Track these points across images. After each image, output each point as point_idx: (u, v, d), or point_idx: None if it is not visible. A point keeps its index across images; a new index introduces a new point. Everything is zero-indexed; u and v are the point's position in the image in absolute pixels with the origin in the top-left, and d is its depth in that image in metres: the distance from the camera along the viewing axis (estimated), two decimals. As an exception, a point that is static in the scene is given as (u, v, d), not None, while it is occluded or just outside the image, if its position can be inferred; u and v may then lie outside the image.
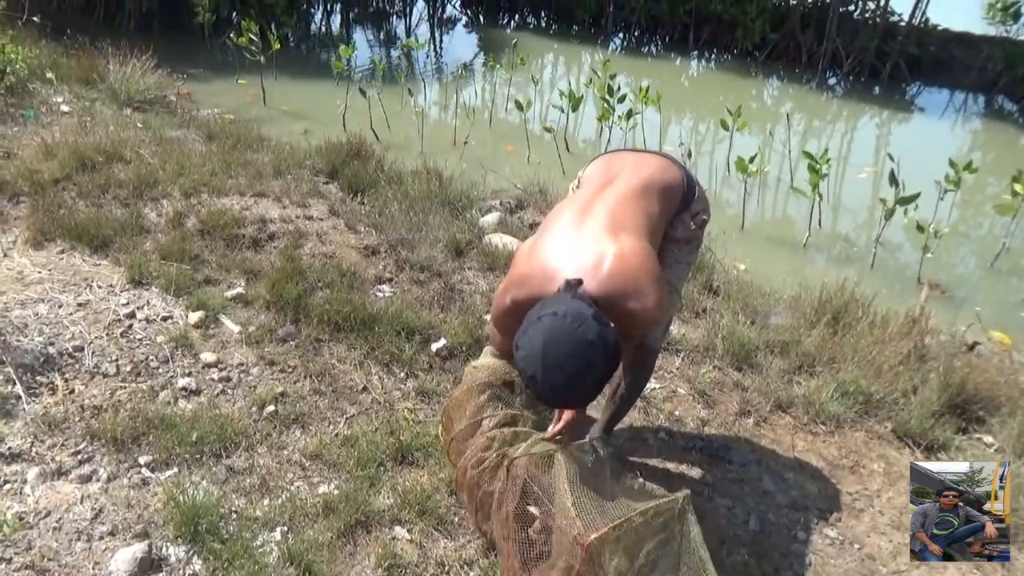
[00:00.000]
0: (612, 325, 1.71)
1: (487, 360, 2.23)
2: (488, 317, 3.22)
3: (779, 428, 2.82)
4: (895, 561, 2.28)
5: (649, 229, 1.98)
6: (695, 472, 2.54)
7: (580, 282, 1.75)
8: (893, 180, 4.52)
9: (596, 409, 2.43)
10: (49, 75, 5.62)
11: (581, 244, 1.87)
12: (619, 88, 6.02)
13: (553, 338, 1.65)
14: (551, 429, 1.99)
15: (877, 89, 9.54)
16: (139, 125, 5.02)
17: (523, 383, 1.82)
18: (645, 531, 1.71)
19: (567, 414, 1.99)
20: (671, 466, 2.56)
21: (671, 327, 3.21)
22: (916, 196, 4.47)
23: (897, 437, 2.84)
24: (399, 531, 2.12)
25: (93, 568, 1.88)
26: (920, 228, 4.45)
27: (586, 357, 1.65)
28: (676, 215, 2.17)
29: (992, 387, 3.05)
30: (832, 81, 9.85)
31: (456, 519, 2.19)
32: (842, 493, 2.54)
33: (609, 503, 1.74)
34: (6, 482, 2.10)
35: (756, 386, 2.99)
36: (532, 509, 1.83)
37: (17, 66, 5.11)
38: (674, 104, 7.98)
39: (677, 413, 2.81)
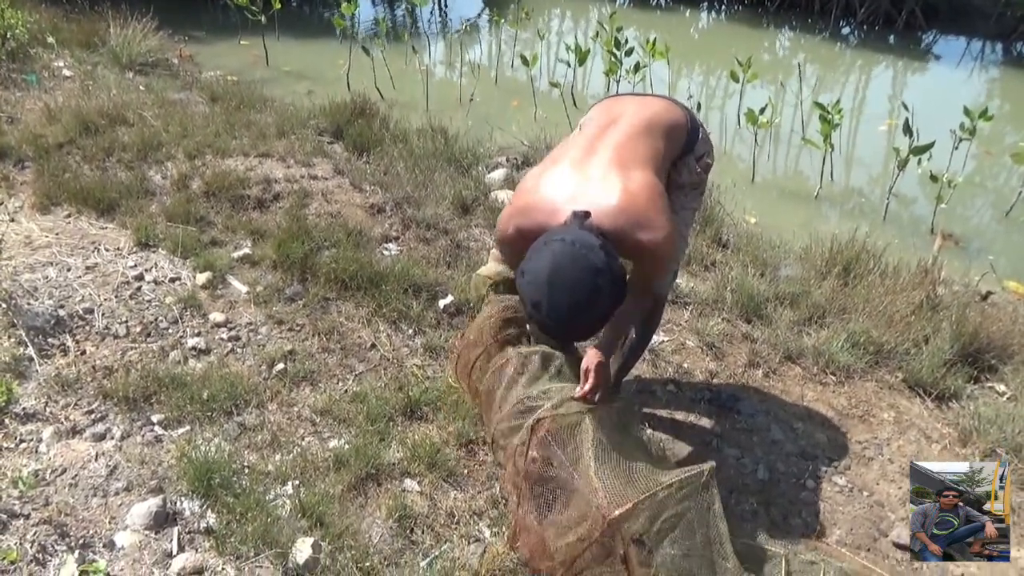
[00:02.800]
0: (619, 259, 1.70)
1: (495, 268, 2.27)
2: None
3: (788, 379, 2.82)
4: (904, 508, 2.28)
5: (656, 165, 1.93)
6: (704, 423, 2.55)
7: (588, 214, 1.73)
8: (907, 130, 4.43)
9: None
10: (50, 39, 5.57)
11: (588, 180, 1.84)
12: (626, 41, 5.90)
13: (560, 263, 1.63)
14: (579, 389, 1.86)
15: (892, 38, 9.31)
16: (141, 88, 4.98)
17: (527, 313, 1.77)
18: (667, 502, 1.69)
19: (593, 374, 1.85)
20: (679, 417, 2.57)
21: (678, 279, 3.19)
22: (930, 146, 4.38)
23: (908, 386, 2.83)
24: (409, 483, 2.14)
25: (109, 522, 1.91)
26: (934, 178, 4.37)
27: (593, 284, 1.64)
28: (680, 158, 2.12)
29: (1005, 336, 3.03)
30: (845, 31, 9.63)
31: (465, 471, 2.21)
32: (851, 442, 2.54)
33: (635, 470, 1.71)
34: (22, 441, 2.12)
35: (765, 338, 2.97)
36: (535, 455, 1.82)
37: (17, 31, 5.07)
38: (683, 57, 7.82)
39: (686, 365, 2.80)
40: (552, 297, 1.65)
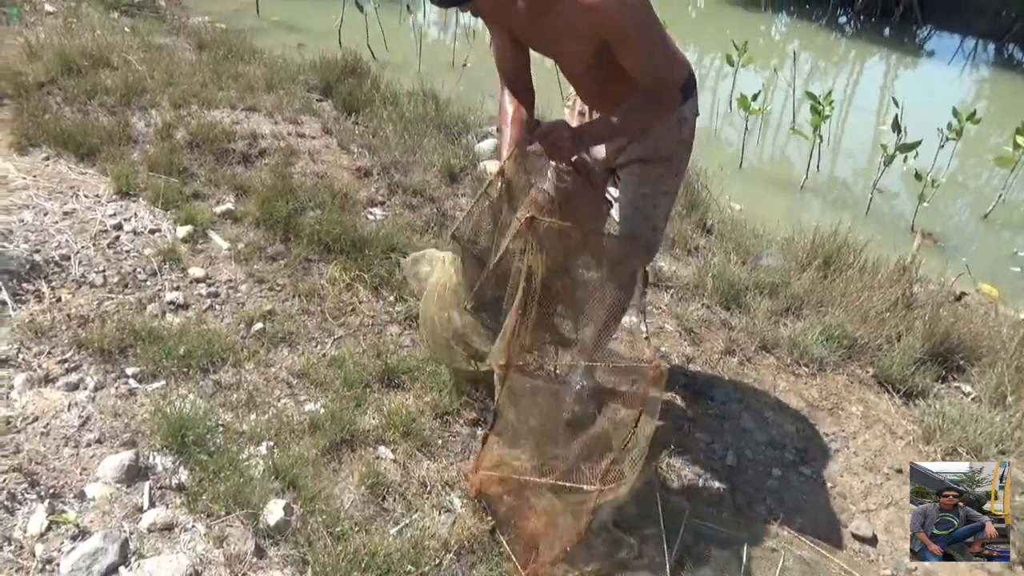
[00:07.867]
0: None
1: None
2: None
3: (762, 368, 2.86)
4: (865, 500, 2.35)
5: None
6: (677, 407, 2.58)
7: None
8: (896, 126, 4.45)
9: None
10: (32, -29, 5.38)
11: None
12: (624, 16, 5.83)
13: None
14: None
15: (887, 31, 9.32)
16: (127, 30, 4.85)
17: None
18: None
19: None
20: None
21: (662, 262, 3.21)
22: (917, 144, 4.41)
23: (878, 382, 2.89)
24: (383, 451, 2.16)
25: (80, 473, 1.91)
26: (918, 176, 4.41)
27: None
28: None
29: (975, 338, 3.09)
30: (842, 20, 9.61)
31: (440, 442, 2.22)
32: (819, 434, 2.60)
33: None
34: (-8, 387, 2.10)
35: (743, 326, 3.01)
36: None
37: (-2, -40, 4.88)
38: (679, 36, 7.67)
39: (663, 349, 2.83)
40: None
